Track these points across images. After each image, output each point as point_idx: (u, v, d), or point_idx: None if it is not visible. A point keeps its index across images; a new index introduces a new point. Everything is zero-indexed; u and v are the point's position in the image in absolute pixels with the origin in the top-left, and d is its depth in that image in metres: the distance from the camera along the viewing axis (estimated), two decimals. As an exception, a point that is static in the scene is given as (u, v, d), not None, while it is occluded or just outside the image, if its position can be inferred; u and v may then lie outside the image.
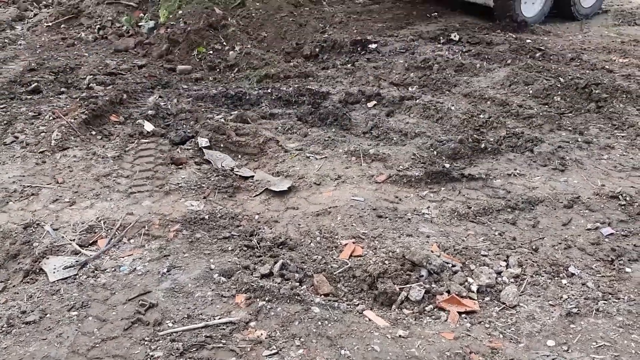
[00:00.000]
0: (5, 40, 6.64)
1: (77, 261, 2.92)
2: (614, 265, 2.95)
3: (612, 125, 4.48)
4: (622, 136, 4.35)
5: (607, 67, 5.81)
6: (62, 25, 7.08)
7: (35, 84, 5.24)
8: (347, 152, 4.11)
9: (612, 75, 5.53)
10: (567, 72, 5.43)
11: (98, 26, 6.91)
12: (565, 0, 7.80)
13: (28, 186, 3.60)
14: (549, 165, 3.93)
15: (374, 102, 5.12)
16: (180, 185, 3.69)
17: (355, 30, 7.33)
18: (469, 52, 6.23)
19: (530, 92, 5.10)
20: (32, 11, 7.86)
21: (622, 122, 4.50)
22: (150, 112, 4.62)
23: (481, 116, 4.58)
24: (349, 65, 6.18)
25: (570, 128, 4.44)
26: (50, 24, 7.06)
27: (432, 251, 2.98)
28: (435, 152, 4.11)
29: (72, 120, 4.32)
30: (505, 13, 7.36)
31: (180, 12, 6.63)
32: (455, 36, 6.78)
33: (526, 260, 2.98)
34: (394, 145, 4.26)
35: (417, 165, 3.92)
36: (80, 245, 3.07)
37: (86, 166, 3.85)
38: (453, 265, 2.90)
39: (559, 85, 5.07)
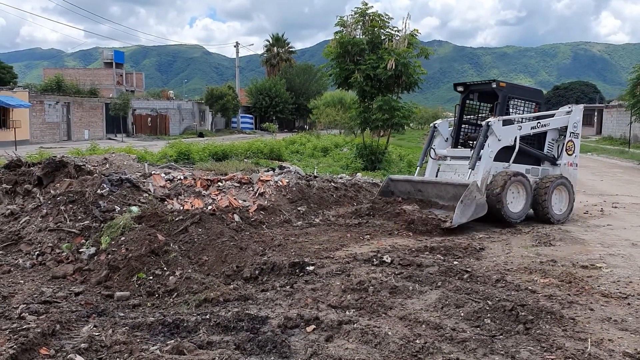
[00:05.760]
0: (-62, 268, 6.51)
1: None
2: None
3: (542, 348, 4.65)
4: (552, 359, 4.50)
5: (530, 287, 6.20)
6: (0, 252, 7.05)
7: (-37, 315, 5.06)
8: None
9: (536, 296, 5.89)
10: (494, 294, 5.75)
11: (37, 252, 6.93)
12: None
13: None
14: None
15: (313, 326, 5.18)
16: None
17: (293, 252, 7.64)
18: (401, 274, 6.54)
19: (462, 314, 5.32)
20: (-30, 238, 7.84)
21: (550, 344, 4.68)
22: (83, 345, 4.48)
23: (417, 341, 4.68)
24: (288, 287, 6.32)
25: (502, 352, 4.57)
26: (-13, 251, 7.03)
27: None
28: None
29: (-1, 357, 4.13)
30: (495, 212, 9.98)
31: (123, 238, 6.79)
32: (387, 258, 7.16)
33: None
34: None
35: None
36: None
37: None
38: None
39: (487, 308, 5.33)
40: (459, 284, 6.17)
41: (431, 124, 12.31)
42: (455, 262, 7.19)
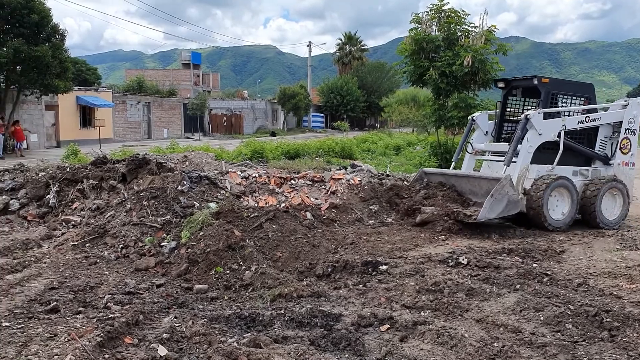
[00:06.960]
0: (31, 259, 6.94)
1: None
2: None
3: (629, 357, 4.41)
4: (641, 370, 4.28)
5: (615, 293, 5.91)
6: (87, 244, 7.46)
7: (54, 303, 5.37)
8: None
9: (622, 302, 5.59)
10: (576, 299, 5.52)
11: (121, 245, 7.28)
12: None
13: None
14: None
15: (387, 325, 5.15)
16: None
17: (365, 251, 7.63)
18: (477, 276, 6.39)
19: (542, 318, 5.13)
20: (60, 230, 8.32)
21: (638, 353, 4.44)
22: (165, 335, 4.67)
23: (495, 344, 4.57)
24: (361, 285, 6.32)
25: (585, 359, 4.38)
26: (76, 242, 7.44)
27: None
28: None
29: (87, 343, 4.36)
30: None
31: (201, 233, 7.02)
32: (463, 259, 7.02)
33: None
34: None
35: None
36: None
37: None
38: None
39: (569, 313, 5.12)
40: (539, 287, 5.96)
41: (469, 117, 11.57)
42: (534, 265, 6.96)
